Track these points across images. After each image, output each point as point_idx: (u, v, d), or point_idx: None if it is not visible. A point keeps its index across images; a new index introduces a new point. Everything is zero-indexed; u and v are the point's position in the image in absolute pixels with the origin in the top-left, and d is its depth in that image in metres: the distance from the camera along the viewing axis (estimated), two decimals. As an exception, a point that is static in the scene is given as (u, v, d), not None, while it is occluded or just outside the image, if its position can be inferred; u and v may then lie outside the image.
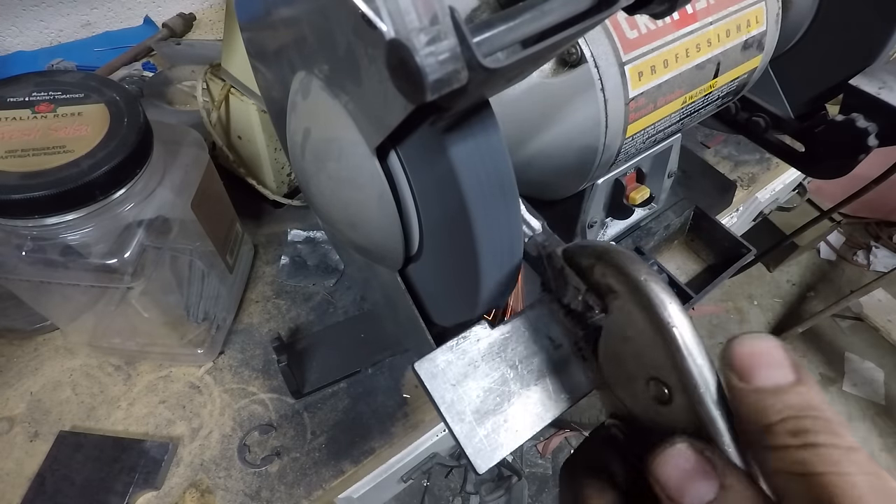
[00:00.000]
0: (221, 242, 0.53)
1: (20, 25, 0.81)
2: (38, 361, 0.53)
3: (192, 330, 0.51)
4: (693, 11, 0.38)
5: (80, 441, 0.47)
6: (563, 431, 1.48)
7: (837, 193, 1.74)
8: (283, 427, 0.50)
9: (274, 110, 0.44)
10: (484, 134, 0.24)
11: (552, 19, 0.18)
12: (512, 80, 0.22)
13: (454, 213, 0.27)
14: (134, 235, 0.40)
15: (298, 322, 0.57)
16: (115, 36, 0.88)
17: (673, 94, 0.39)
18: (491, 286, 0.30)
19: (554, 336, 0.35)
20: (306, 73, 0.30)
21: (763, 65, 0.45)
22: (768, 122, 0.56)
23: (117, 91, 0.42)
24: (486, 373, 0.34)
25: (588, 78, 0.35)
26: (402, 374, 0.53)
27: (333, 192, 0.34)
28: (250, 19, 0.36)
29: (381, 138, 0.25)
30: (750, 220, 1.31)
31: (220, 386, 0.52)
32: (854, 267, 1.91)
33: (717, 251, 0.59)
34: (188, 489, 0.46)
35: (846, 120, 0.47)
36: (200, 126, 0.59)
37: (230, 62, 0.57)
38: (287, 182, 0.66)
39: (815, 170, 0.54)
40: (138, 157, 0.40)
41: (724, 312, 1.78)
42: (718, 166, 0.73)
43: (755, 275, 1.87)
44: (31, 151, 0.37)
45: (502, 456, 0.31)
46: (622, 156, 0.41)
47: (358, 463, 0.48)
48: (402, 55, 0.16)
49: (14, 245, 0.38)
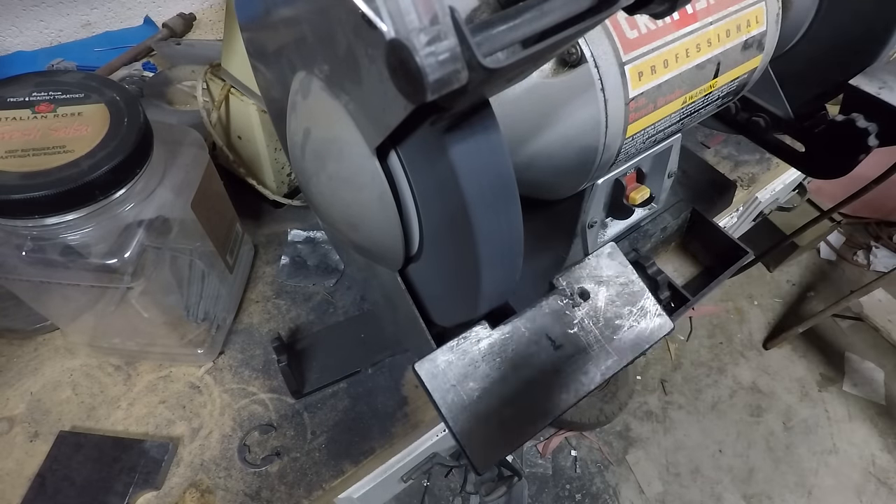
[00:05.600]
0: (221, 242, 0.53)
1: (20, 25, 0.81)
2: (38, 361, 0.53)
3: (192, 330, 0.51)
4: (693, 11, 0.38)
5: (80, 441, 0.47)
6: (563, 431, 1.48)
7: (837, 193, 1.74)
8: (283, 427, 0.50)
9: (274, 110, 0.44)
10: (484, 134, 0.24)
11: (552, 19, 0.18)
12: (512, 80, 0.22)
13: (454, 214, 0.27)
14: (134, 235, 0.40)
15: (298, 322, 0.57)
16: (115, 36, 0.88)
17: (673, 94, 0.39)
18: (491, 286, 0.30)
19: (554, 336, 0.35)
20: (306, 73, 0.30)
21: (763, 65, 0.45)
22: (768, 122, 0.56)
23: (117, 91, 0.42)
24: (486, 373, 0.34)
25: (588, 78, 0.35)
26: (402, 374, 0.53)
27: (333, 193, 0.34)
28: (250, 19, 0.36)
29: (381, 138, 0.25)
30: (750, 220, 1.31)
31: (220, 386, 0.52)
32: (854, 267, 1.91)
33: (714, 253, 0.59)
34: (188, 489, 0.46)
35: (846, 120, 0.47)
36: (200, 126, 0.59)
37: (230, 62, 0.57)
38: (287, 182, 0.66)
39: (815, 170, 0.54)
40: (138, 157, 0.40)
41: (724, 312, 1.78)
42: (718, 166, 0.73)
43: (755, 275, 1.87)
44: (31, 151, 0.37)
45: (502, 456, 0.31)
46: (622, 156, 0.41)
47: (358, 463, 0.48)
48: (403, 55, 0.16)
49: (14, 245, 0.38)
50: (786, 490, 1.42)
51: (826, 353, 1.69)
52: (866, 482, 1.45)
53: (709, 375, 1.63)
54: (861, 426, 1.55)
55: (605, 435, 1.50)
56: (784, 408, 1.57)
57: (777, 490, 1.42)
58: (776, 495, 1.42)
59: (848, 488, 1.43)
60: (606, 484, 1.42)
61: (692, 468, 1.45)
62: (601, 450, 1.47)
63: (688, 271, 0.61)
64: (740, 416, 1.55)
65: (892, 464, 1.48)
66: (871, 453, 1.50)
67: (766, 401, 1.58)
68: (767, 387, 1.61)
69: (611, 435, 1.50)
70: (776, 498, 1.41)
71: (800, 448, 1.50)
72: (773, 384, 1.62)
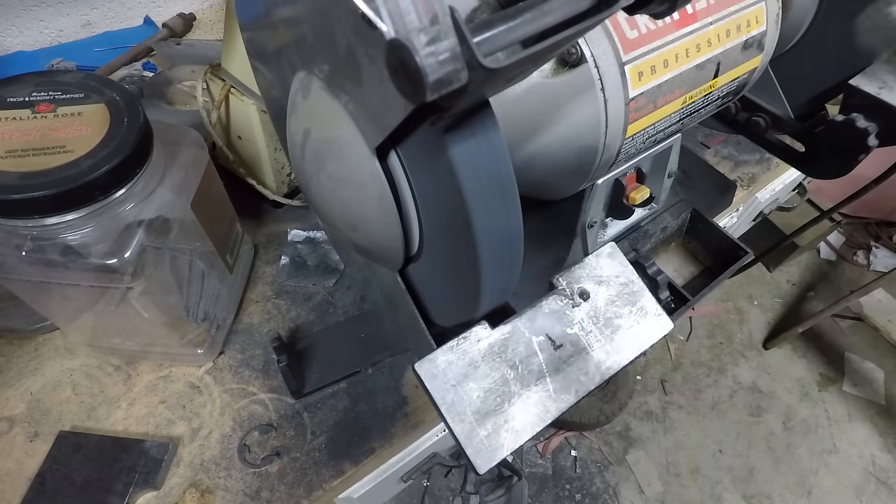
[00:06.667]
0: (221, 242, 0.53)
1: (20, 25, 0.81)
2: (38, 361, 0.53)
3: (192, 330, 0.51)
4: (693, 11, 0.38)
5: (80, 441, 0.47)
6: (563, 431, 1.48)
7: (837, 193, 1.74)
8: (283, 427, 0.50)
9: (274, 110, 0.44)
10: (484, 134, 0.24)
11: (552, 19, 0.18)
12: (512, 80, 0.22)
13: (454, 214, 0.27)
14: (134, 235, 0.40)
15: (298, 322, 0.57)
16: (115, 36, 0.88)
17: (673, 94, 0.39)
18: (491, 286, 0.30)
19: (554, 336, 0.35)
20: (306, 73, 0.30)
21: (763, 65, 0.45)
22: (768, 122, 0.56)
23: (117, 91, 0.42)
24: (486, 373, 0.34)
25: (588, 78, 0.35)
26: (402, 374, 0.53)
27: (333, 193, 0.34)
28: (250, 19, 0.36)
29: (381, 138, 0.25)
30: (750, 220, 1.31)
31: (220, 386, 0.52)
32: (854, 267, 1.91)
33: (714, 253, 0.59)
34: (188, 489, 0.46)
35: (846, 120, 0.47)
36: (200, 126, 0.59)
37: (230, 62, 0.57)
38: (287, 182, 0.66)
39: (815, 170, 0.54)
40: (138, 157, 0.40)
41: (724, 312, 1.78)
42: (718, 166, 0.73)
43: (755, 275, 1.87)
44: (31, 151, 0.37)
45: (502, 456, 0.31)
46: (622, 156, 0.41)
47: (358, 463, 0.48)
48: (403, 55, 0.16)
49: (14, 245, 0.38)
50: (786, 490, 1.42)
51: (826, 353, 1.69)
52: (866, 482, 1.45)
53: (709, 375, 1.63)
54: (861, 426, 1.55)
55: (605, 435, 1.50)
56: (784, 408, 1.57)
57: (777, 490, 1.42)
58: (776, 495, 1.42)
59: (848, 488, 1.43)
60: (606, 484, 1.42)
61: (692, 468, 1.45)
62: (601, 450, 1.47)
63: (688, 271, 0.61)
64: (740, 416, 1.55)
65: (892, 464, 1.48)
66: (871, 453, 1.50)
67: (766, 401, 1.58)
68: (767, 387, 1.61)
69: (611, 435, 1.50)
70: (776, 498, 1.41)
71: (800, 448, 1.50)
72: (773, 384, 1.62)
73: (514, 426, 0.34)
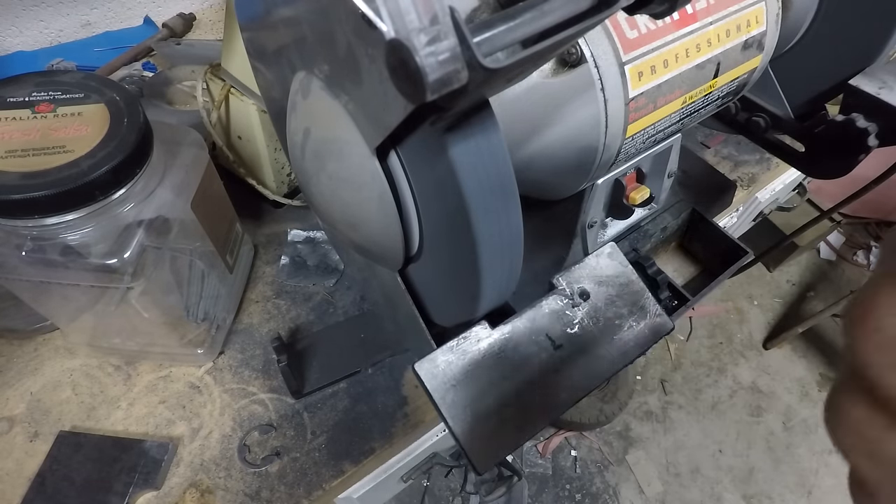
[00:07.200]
0: (221, 242, 0.53)
1: (20, 25, 0.81)
2: (38, 361, 0.53)
3: (192, 330, 0.51)
4: (693, 11, 0.38)
5: (80, 441, 0.47)
6: (563, 431, 1.49)
7: (837, 193, 1.74)
8: (283, 427, 0.50)
9: (274, 110, 0.44)
10: (484, 134, 0.24)
11: (552, 19, 0.18)
12: (512, 80, 0.22)
13: (454, 213, 0.27)
14: (134, 235, 0.40)
15: (298, 322, 0.57)
16: (115, 36, 0.88)
17: (673, 94, 0.39)
18: (491, 286, 0.30)
19: (554, 336, 0.35)
20: (306, 73, 0.30)
21: (763, 65, 0.45)
22: (768, 122, 0.56)
23: (117, 91, 0.42)
24: (486, 373, 0.34)
25: (588, 78, 0.35)
26: (402, 374, 0.53)
27: (333, 192, 0.34)
28: (250, 19, 0.36)
29: (381, 138, 0.25)
30: (750, 220, 1.31)
31: (220, 386, 0.52)
32: (854, 267, 1.91)
33: (714, 253, 0.59)
34: (188, 489, 0.46)
35: (846, 120, 0.47)
36: (200, 126, 0.59)
37: (230, 62, 0.57)
38: (287, 182, 0.65)
39: (815, 170, 0.54)
40: (138, 157, 0.40)
41: (724, 312, 1.78)
42: (718, 166, 0.73)
43: (755, 275, 1.87)
44: (31, 151, 0.37)
45: (502, 456, 0.31)
46: (622, 156, 0.41)
47: (358, 463, 0.48)
48: (403, 55, 0.16)
49: (14, 245, 0.38)
50: (786, 490, 1.42)
51: (826, 353, 1.69)
52: (866, 482, 1.44)
53: (709, 375, 1.63)
54: (861, 426, 1.55)
55: (605, 435, 1.50)
56: (784, 408, 1.57)
57: (777, 490, 1.42)
58: (776, 495, 1.42)
59: (848, 488, 1.43)
60: (606, 484, 1.42)
61: (692, 468, 1.45)
62: (601, 450, 1.48)
63: (688, 271, 0.61)
64: (740, 416, 1.55)
65: (892, 464, 1.48)
66: (871, 453, 1.49)
67: (766, 401, 1.58)
68: (767, 387, 1.61)
69: (611, 435, 1.50)
70: (776, 498, 1.41)
71: (800, 448, 1.50)
72: (773, 384, 1.62)
73: (514, 426, 0.34)
